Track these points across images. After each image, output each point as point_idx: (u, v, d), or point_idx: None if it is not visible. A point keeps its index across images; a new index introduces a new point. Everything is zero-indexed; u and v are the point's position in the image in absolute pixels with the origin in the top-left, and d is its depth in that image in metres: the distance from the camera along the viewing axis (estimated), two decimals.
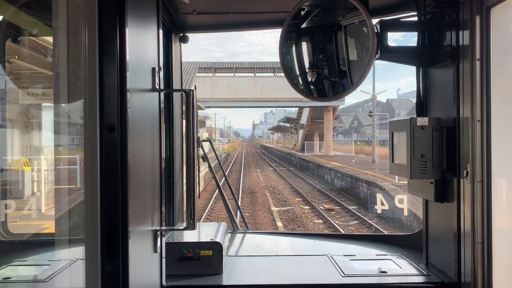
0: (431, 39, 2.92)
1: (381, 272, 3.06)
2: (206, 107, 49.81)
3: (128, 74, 1.78)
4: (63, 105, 2.15)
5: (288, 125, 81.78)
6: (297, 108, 62.57)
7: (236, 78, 48.35)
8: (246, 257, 3.50)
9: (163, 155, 2.51)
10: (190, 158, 2.38)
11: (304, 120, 59.77)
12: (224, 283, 2.90)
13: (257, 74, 49.52)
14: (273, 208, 19.84)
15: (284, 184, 30.00)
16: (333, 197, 23.12)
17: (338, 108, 57.87)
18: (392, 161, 3.08)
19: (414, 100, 3.21)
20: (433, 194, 2.84)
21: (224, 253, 3.08)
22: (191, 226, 2.33)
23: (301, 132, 64.55)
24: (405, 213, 4.62)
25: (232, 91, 47.06)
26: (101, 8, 1.74)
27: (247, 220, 4.23)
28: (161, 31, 2.36)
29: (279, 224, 16.54)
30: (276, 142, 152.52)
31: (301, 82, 3.19)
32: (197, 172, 2.58)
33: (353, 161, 39.16)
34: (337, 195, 24.20)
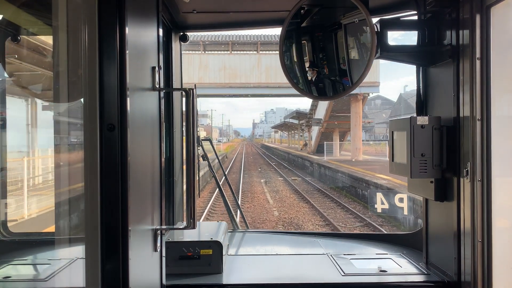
0: (431, 38, 2.91)
1: (381, 271, 3.06)
2: None
3: (128, 73, 1.78)
4: (63, 104, 2.15)
5: (296, 121, 65.83)
6: (311, 101, 48.65)
7: (234, 57, 35.22)
8: (246, 256, 3.50)
9: (163, 154, 2.51)
10: (190, 157, 2.38)
11: (320, 114, 45.09)
12: (224, 282, 2.90)
13: (261, 52, 36.51)
14: None
15: (311, 213, 17.96)
16: None
17: (368, 97, 40.23)
18: (392, 160, 3.08)
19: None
20: (433, 193, 2.84)
21: (224, 252, 3.08)
22: (191, 225, 2.33)
23: (315, 129, 50.00)
24: None
25: (228, 74, 34.21)
26: (101, 7, 1.74)
27: None
28: (161, 30, 2.36)
29: None
30: (279, 142, 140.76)
31: (301, 81, 3.19)
32: (197, 171, 2.58)
33: None
34: None
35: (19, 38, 3.32)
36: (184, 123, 3.87)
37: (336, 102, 38.40)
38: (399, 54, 3.03)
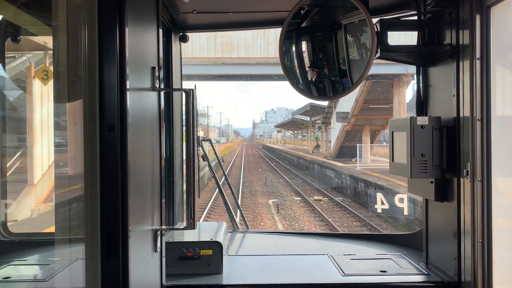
0: (431, 38, 2.92)
1: (381, 271, 3.06)
2: None
3: (128, 73, 1.78)
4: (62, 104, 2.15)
5: (307, 118, 54.90)
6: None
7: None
8: (246, 256, 3.50)
9: (163, 154, 2.52)
10: (190, 158, 2.38)
11: (346, 106, 33.17)
12: (224, 282, 2.90)
13: None
14: None
15: None
16: None
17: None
18: (392, 160, 3.08)
19: None
20: (433, 193, 2.84)
21: (224, 253, 3.08)
22: (191, 225, 2.33)
23: (336, 127, 37.48)
24: None
25: (221, 46, 24.01)
26: (101, 8, 1.74)
27: None
28: (160, 31, 2.36)
29: None
30: (282, 142, 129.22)
31: (301, 82, 3.19)
32: (197, 171, 2.58)
33: None
34: None
35: (19, 38, 3.32)
36: (184, 123, 3.87)
37: (371, 90, 28.54)
38: (399, 54, 3.04)
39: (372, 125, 34.68)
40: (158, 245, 2.22)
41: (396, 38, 2.99)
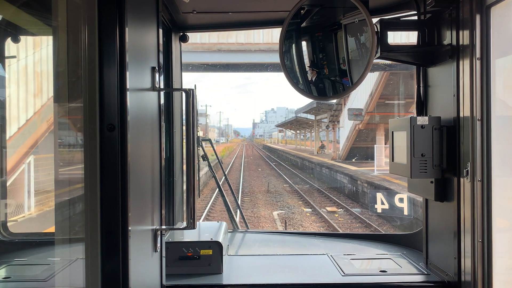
0: (431, 38, 2.92)
1: (381, 271, 3.06)
2: None
3: (128, 73, 1.78)
4: (63, 104, 2.16)
5: (312, 117, 50.92)
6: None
7: None
8: (246, 256, 3.50)
9: (163, 154, 2.52)
10: (190, 157, 2.39)
11: (359, 102, 29.83)
12: (224, 282, 2.91)
13: None
14: None
15: None
16: None
17: None
18: (392, 160, 3.08)
19: None
20: (433, 193, 2.84)
21: (224, 253, 3.08)
22: (191, 225, 2.34)
23: (346, 126, 33.95)
24: None
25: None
26: (101, 8, 1.74)
27: None
28: (160, 31, 2.36)
29: None
30: (284, 142, 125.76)
31: (301, 82, 3.19)
32: (197, 171, 2.58)
33: None
34: None
35: (19, 38, 3.32)
36: (184, 123, 3.87)
37: (389, 82, 25.00)
38: (399, 54, 3.04)
39: (387, 124, 30.80)
40: (158, 245, 2.23)
41: (397, 38, 2.98)
